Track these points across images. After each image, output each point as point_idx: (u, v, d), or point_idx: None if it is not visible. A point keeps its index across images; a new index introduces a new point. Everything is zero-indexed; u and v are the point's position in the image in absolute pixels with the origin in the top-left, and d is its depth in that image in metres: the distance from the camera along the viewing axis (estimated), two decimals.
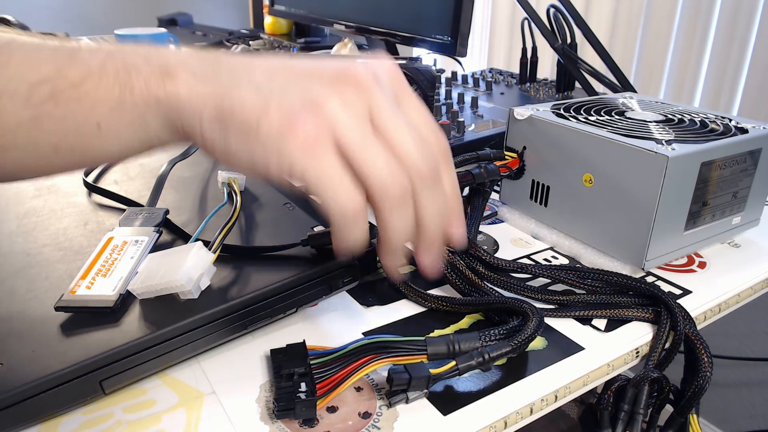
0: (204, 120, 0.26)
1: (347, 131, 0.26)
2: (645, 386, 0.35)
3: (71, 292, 0.32)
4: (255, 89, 0.26)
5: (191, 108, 0.26)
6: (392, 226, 0.27)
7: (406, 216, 0.27)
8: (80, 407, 0.30)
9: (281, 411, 0.29)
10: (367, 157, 0.26)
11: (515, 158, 0.50)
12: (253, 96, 0.26)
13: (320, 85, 0.26)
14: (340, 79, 0.27)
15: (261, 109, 0.26)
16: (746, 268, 0.46)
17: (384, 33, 0.83)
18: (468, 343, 0.32)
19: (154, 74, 0.27)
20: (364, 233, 0.27)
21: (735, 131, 0.45)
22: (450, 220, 0.29)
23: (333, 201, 0.26)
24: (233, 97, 0.26)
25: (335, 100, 0.26)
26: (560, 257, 0.47)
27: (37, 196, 0.44)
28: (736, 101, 1.15)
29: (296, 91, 0.26)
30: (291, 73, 0.27)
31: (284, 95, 0.26)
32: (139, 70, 0.27)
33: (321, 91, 0.26)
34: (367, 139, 0.26)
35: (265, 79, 0.27)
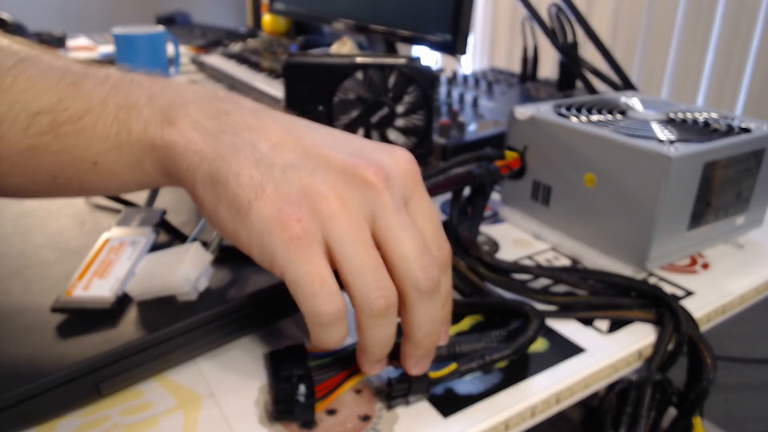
0: (197, 180, 0.25)
1: (339, 236, 0.24)
2: (648, 388, 0.35)
3: (67, 293, 0.32)
4: (255, 162, 0.25)
5: (186, 163, 0.25)
6: (372, 338, 0.26)
7: (387, 329, 0.26)
8: (77, 410, 0.30)
9: (280, 413, 0.29)
10: (354, 267, 0.25)
11: (516, 158, 0.50)
12: (251, 170, 0.24)
13: (325, 174, 0.25)
14: (349, 172, 0.25)
15: (255, 191, 0.24)
16: (750, 269, 0.46)
17: (384, 31, 0.83)
18: (469, 345, 0.32)
19: (155, 117, 0.26)
20: (341, 336, 0.26)
21: (738, 131, 0.45)
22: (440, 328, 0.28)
23: (308, 304, 0.25)
24: (230, 168, 0.25)
25: (335, 200, 0.24)
26: (562, 258, 0.47)
27: None
28: (739, 100, 1.15)
29: (298, 176, 0.25)
30: (297, 150, 0.26)
31: (284, 178, 0.25)
32: (140, 111, 0.26)
33: (324, 183, 0.25)
34: (358, 249, 0.25)
35: (269, 152, 0.25)
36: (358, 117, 0.55)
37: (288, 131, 0.27)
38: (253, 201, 0.24)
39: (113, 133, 0.26)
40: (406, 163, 0.27)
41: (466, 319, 0.39)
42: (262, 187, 0.24)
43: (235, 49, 1.12)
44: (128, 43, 0.93)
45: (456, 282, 0.40)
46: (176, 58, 1.03)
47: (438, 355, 0.31)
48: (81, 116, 0.26)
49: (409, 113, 0.54)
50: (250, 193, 0.24)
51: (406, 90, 0.54)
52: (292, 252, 0.24)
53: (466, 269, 0.40)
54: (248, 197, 0.24)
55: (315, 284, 0.24)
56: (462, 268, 0.40)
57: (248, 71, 0.97)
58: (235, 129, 0.26)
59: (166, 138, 0.26)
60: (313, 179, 0.25)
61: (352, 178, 0.25)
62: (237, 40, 1.22)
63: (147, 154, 0.26)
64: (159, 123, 0.26)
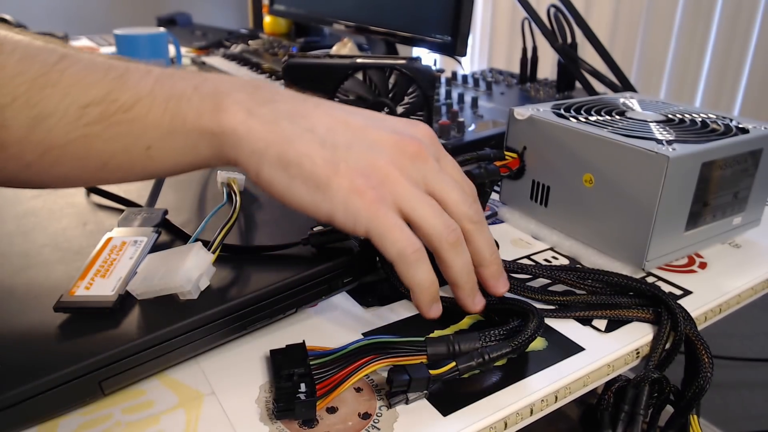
0: (265, 162, 0.28)
1: (406, 197, 0.30)
2: (645, 387, 0.35)
3: (70, 292, 0.32)
4: (320, 144, 0.29)
5: (250, 147, 0.28)
6: (458, 268, 0.32)
7: (465, 256, 0.32)
8: (79, 408, 0.30)
9: (281, 411, 0.29)
10: (422, 215, 0.30)
11: (515, 158, 0.50)
12: (321, 152, 0.28)
13: (380, 151, 0.30)
14: (398, 148, 0.30)
15: (331, 167, 0.28)
16: (747, 268, 0.46)
17: (384, 33, 0.83)
18: (468, 343, 0.32)
19: (206, 106, 0.28)
20: (428, 274, 0.31)
21: (736, 131, 0.45)
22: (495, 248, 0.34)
23: (395, 248, 0.29)
24: (300, 151, 0.28)
25: (395, 170, 0.30)
26: (560, 258, 0.47)
27: (36, 197, 0.44)
28: (737, 101, 1.15)
29: (360, 154, 0.29)
30: (348, 132, 0.30)
31: (349, 156, 0.29)
32: (189, 99, 0.28)
33: (382, 158, 0.30)
34: (421, 201, 0.30)
35: (327, 135, 0.29)
36: None
37: (332, 116, 0.31)
38: (332, 176, 0.28)
39: (166, 121, 0.28)
40: (430, 132, 0.33)
41: (466, 318, 0.39)
42: (335, 165, 0.28)
43: (236, 51, 1.12)
44: (129, 44, 0.94)
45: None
46: (177, 59, 1.03)
47: (438, 353, 0.32)
48: (131, 106, 0.28)
49: (409, 113, 0.55)
50: (327, 170, 0.28)
51: (406, 90, 0.54)
52: (372, 212, 0.29)
53: None
54: (326, 174, 0.28)
55: (397, 232, 0.29)
56: None
57: (249, 72, 0.98)
58: (289, 116, 0.29)
59: (224, 125, 0.28)
60: (373, 155, 0.29)
61: (401, 152, 0.30)
62: (238, 42, 1.22)
63: (204, 139, 0.29)
64: (212, 111, 0.28)
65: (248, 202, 0.43)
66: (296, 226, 0.39)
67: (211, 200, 0.44)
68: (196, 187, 0.46)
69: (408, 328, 0.38)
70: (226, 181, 0.44)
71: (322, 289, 0.36)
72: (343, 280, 0.37)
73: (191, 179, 0.47)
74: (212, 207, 0.42)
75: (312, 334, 0.37)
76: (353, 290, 0.41)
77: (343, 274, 0.37)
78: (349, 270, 0.37)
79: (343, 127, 0.30)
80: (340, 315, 0.39)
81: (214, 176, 0.47)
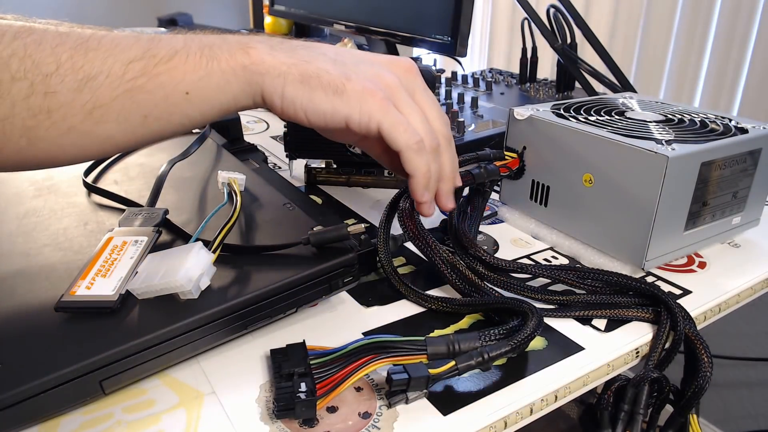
0: (288, 82, 0.33)
1: (403, 101, 0.35)
2: (645, 386, 0.35)
3: (71, 292, 0.32)
4: (332, 62, 0.34)
5: (276, 72, 0.33)
6: (426, 169, 0.36)
7: (436, 164, 0.36)
8: (80, 407, 0.30)
9: (281, 411, 0.29)
10: (414, 120, 0.35)
11: (515, 158, 0.50)
12: (333, 66, 0.34)
13: (381, 67, 0.36)
14: (394, 64, 0.37)
15: (344, 76, 0.33)
16: (746, 268, 0.46)
17: (384, 33, 0.83)
18: (468, 343, 0.32)
19: (236, 48, 0.33)
20: (429, 165, 0.36)
21: (735, 131, 0.45)
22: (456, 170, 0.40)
23: (404, 137, 0.34)
24: (317, 66, 0.33)
25: (395, 78, 0.35)
26: (560, 257, 0.47)
27: (37, 197, 0.44)
28: (736, 101, 1.15)
29: (365, 68, 0.35)
30: (355, 56, 0.36)
31: (357, 70, 0.34)
32: (220, 46, 0.33)
33: (384, 71, 0.35)
34: (414, 109, 0.36)
35: (337, 57, 0.35)
36: None
37: (337, 48, 0.36)
38: (346, 82, 0.33)
39: (203, 64, 0.32)
40: (414, 63, 0.38)
41: (466, 317, 0.39)
42: (347, 75, 0.34)
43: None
44: None
45: (456, 281, 0.41)
46: None
47: (438, 352, 0.32)
48: (171, 57, 0.31)
49: None
50: (342, 78, 0.33)
51: None
52: (383, 110, 0.34)
53: (465, 268, 0.41)
54: (341, 81, 0.33)
55: (404, 124, 0.34)
56: (461, 268, 0.41)
57: None
58: (303, 47, 0.35)
59: (254, 58, 0.33)
60: (377, 69, 0.35)
61: (397, 67, 0.36)
62: None
63: (237, 75, 0.32)
64: (242, 50, 0.33)
65: (249, 202, 0.43)
66: (296, 226, 0.39)
67: (212, 200, 0.44)
68: (197, 187, 0.46)
69: (408, 327, 0.38)
70: (227, 181, 0.44)
71: (322, 289, 0.36)
72: (343, 280, 0.37)
73: (192, 179, 0.47)
74: (212, 207, 0.42)
75: (312, 333, 0.37)
76: (353, 290, 0.41)
77: (343, 274, 0.37)
78: (349, 270, 0.37)
79: (349, 54, 0.36)
80: (340, 315, 0.39)
81: (214, 176, 0.47)
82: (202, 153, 0.51)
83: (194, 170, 0.49)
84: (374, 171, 0.59)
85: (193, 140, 0.51)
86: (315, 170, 0.60)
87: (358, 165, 0.59)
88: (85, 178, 0.46)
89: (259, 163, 0.55)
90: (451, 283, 0.41)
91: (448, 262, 0.41)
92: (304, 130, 0.57)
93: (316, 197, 0.58)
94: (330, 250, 0.37)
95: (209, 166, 0.50)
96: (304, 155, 0.59)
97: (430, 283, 0.43)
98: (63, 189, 0.46)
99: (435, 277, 0.43)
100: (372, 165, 0.59)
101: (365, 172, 0.59)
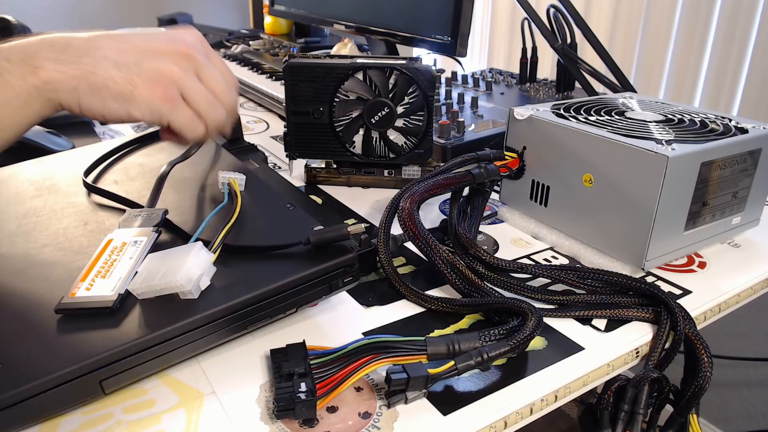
0: (81, 95, 0.36)
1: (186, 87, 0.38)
2: (645, 386, 0.35)
3: (71, 294, 0.32)
4: (116, 66, 0.36)
5: (67, 87, 0.35)
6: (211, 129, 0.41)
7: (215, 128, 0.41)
8: (80, 407, 0.30)
9: (281, 411, 0.29)
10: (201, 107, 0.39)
11: (515, 158, 0.50)
12: (118, 73, 0.36)
13: (163, 58, 0.38)
14: (175, 53, 0.39)
15: (131, 83, 0.36)
16: (746, 268, 0.46)
17: (384, 33, 0.83)
18: (468, 343, 0.32)
19: (25, 69, 0.35)
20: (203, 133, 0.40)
21: (735, 131, 0.45)
22: None
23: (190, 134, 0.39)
24: (103, 76, 0.36)
25: (179, 70, 0.38)
26: (560, 257, 0.47)
27: (37, 197, 0.44)
28: (736, 101, 1.15)
29: (148, 64, 0.37)
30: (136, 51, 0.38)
31: (141, 70, 0.37)
32: (9, 70, 0.34)
33: (166, 64, 0.38)
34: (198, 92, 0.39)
35: (120, 58, 0.37)
36: (358, 117, 0.55)
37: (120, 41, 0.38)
38: (133, 89, 0.36)
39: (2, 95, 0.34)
40: (199, 35, 0.41)
41: (466, 317, 0.39)
42: (133, 81, 0.36)
43: (237, 51, 1.12)
44: None
45: (455, 281, 0.41)
46: None
47: (438, 352, 0.32)
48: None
49: (409, 114, 0.55)
50: (129, 85, 0.36)
51: (406, 91, 0.54)
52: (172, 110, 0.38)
53: (465, 268, 0.41)
54: (129, 88, 0.36)
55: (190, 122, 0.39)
56: (461, 268, 0.41)
57: (250, 72, 0.98)
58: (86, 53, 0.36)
59: (44, 78, 0.35)
60: (157, 63, 0.37)
61: (178, 55, 0.39)
62: (238, 42, 1.22)
63: (32, 96, 0.35)
64: (31, 72, 0.35)
65: (249, 202, 0.43)
66: (296, 226, 0.39)
67: (212, 200, 0.44)
68: (197, 188, 0.46)
69: (408, 327, 0.38)
70: (227, 181, 0.44)
71: (322, 289, 0.36)
72: (343, 280, 0.37)
73: (192, 179, 0.47)
74: (212, 207, 0.42)
75: (312, 333, 0.37)
76: (353, 290, 0.41)
77: (343, 274, 0.37)
78: (349, 270, 0.37)
79: (130, 49, 0.38)
80: (340, 315, 0.39)
81: (214, 176, 0.47)
82: (202, 153, 0.51)
83: (194, 170, 0.49)
84: (374, 171, 0.59)
85: None
86: (315, 170, 0.60)
87: (358, 165, 0.59)
88: (85, 178, 0.46)
89: (259, 163, 0.55)
90: (451, 283, 0.41)
91: (448, 262, 0.41)
92: (305, 130, 0.57)
93: (316, 197, 0.58)
94: (330, 250, 0.37)
95: (209, 167, 0.50)
96: (304, 155, 0.59)
97: (430, 283, 0.43)
98: (63, 189, 0.46)
99: (435, 277, 0.43)
100: (372, 165, 0.59)
101: (365, 172, 0.59)
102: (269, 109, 0.88)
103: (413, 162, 0.57)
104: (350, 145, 0.57)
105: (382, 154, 0.57)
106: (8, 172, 0.49)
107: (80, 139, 0.68)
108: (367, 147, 0.57)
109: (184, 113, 0.38)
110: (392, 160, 0.57)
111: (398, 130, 0.56)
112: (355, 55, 0.56)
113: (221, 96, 0.41)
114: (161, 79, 0.37)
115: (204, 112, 0.40)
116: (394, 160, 0.57)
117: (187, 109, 0.39)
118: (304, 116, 0.56)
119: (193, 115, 0.39)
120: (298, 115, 0.56)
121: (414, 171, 0.58)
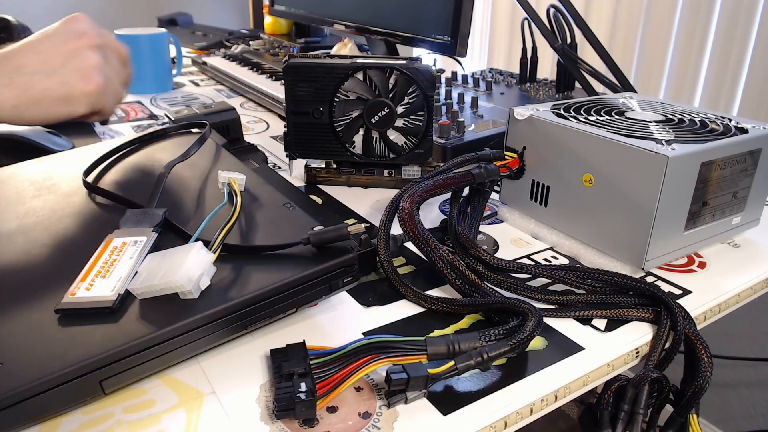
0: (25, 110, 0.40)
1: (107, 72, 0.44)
2: (645, 386, 0.35)
3: (71, 294, 0.32)
4: (46, 74, 0.41)
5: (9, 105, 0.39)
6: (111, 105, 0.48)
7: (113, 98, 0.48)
8: (80, 407, 0.30)
9: (281, 411, 0.29)
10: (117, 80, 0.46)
11: (515, 158, 0.50)
12: (49, 79, 0.40)
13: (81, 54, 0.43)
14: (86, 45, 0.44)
15: (66, 85, 0.41)
16: (746, 268, 0.46)
17: (384, 33, 0.83)
18: (468, 343, 0.32)
19: None
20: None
21: (735, 131, 0.45)
22: None
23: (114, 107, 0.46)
24: (39, 89, 0.40)
25: (97, 59, 0.44)
26: (560, 257, 0.47)
27: (37, 197, 0.44)
28: (736, 101, 1.15)
29: (74, 65, 0.42)
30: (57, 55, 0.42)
31: (70, 71, 0.42)
32: None
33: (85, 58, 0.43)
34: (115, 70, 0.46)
35: (46, 67, 0.41)
36: (358, 117, 0.55)
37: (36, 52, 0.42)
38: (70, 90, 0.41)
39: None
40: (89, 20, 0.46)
41: (466, 317, 0.39)
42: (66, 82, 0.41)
43: (237, 51, 1.12)
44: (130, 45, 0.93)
45: (455, 281, 0.41)
46: (178, 59, 1.03)
47: (438, 352, 0.32)
48: None
49: (409, 114, 0.55)
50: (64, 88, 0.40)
51: (406, 91, 0.54)
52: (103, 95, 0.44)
53: (465, 268, 0.41)
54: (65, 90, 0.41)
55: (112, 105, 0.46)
56: (461, 268, 0.41)
57: (250, 72, 0.98)
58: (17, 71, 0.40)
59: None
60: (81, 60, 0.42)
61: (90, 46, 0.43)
62: (238, 42, 1.22)
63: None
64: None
65: (249, 202, 0.43)
66: (296, 226, 0.39)
67: (212, 200, 0.44)
68: (197, 187, 0.46)
69: (408, 327, 0.38)
70: (227, 181, 0.44)
71: (322, 289, 0.36)
72: (343, 280, 0.37)
73: (192, 179, 0.47)
74: (212, 207, 0.42)
75: (312, 333, 0.37)
76: (353, 290, 0.41)
77: (343, 274, 0.37)
78: (349, 270, 0.37)
79: (50, 56, 0.42)
80: (340, 315, 0.39)
81: (214, 176, 0.47)
82: (202, 153, 0.50)
83: (194, 170, 0.49)
84: (374, 171, 0.59)
85: (194, 141, 0.51)
86: (315, 170, 0.60)
87: (358, 165, 0.59)
88: (85, 177, 0.46)
89: (259, 163, 0.55)
90: (451, 283, 0.41)
91: (448, 262, 0.41)
92: (305, 130, 0.57)
93: (316, 197, 0.58)
94: (330, 250, 0.37)
95: (209, 166, 0.49)
96: (304, 155, 0.59)
97: (430, 283, 0.43)
98: (63, 189, 0.46)
99: (435, 277, 0.43)
100: (372, 165, 0.59)
101: (365, 172, 0.59)
102: (269, 109, 0.88)
103: (413, 162, 0.57)
104: (350, 145, 0.57)
105: (382, 154, 0.57)
106: (8, 172, 0.49)
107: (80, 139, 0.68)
108: (367, 147, 0.57)
109: (113, 95, 0.44)
110: (392, 160, 0.57)
111: (398, 130, 0.56)
112: (355, 55, 0.56)
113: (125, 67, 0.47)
114: (89, 72, 0.42)
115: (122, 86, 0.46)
116: (394, 160, 0.57)
117: (110, 90, 0.45)
118: (304, 116, 0.56)
119: (114, 99, 0.45)
120: (298, 115, 0.56)
121: (414, 171, 0.58)
